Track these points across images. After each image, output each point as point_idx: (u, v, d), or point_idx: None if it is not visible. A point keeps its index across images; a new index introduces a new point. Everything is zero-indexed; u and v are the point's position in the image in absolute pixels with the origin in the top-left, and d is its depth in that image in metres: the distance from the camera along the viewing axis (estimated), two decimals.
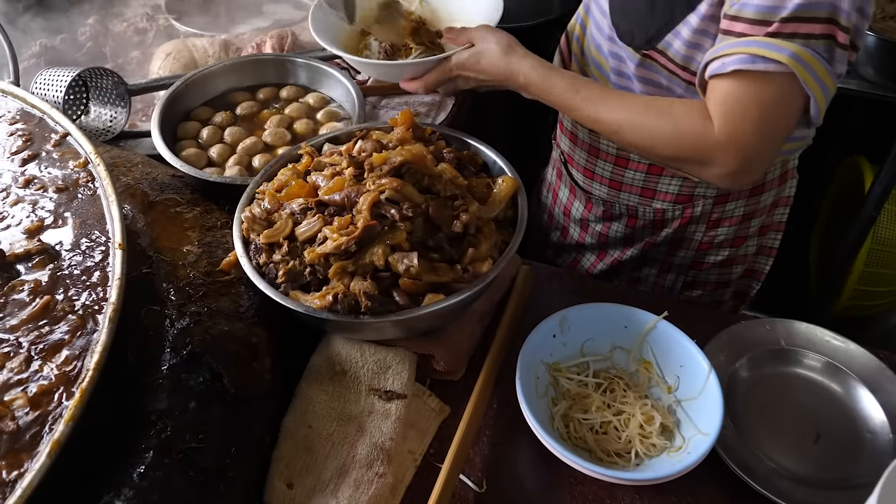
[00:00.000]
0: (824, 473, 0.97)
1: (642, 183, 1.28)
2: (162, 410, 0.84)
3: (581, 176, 1.37)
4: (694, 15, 1.02)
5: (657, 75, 1.12)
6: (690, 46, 1.04)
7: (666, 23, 1.05)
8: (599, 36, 1.21)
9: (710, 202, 1.27)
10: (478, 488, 0.96)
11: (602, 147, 1.29)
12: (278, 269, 0.98)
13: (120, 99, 1.42)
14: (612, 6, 1.15)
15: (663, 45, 1.07)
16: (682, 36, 1.04)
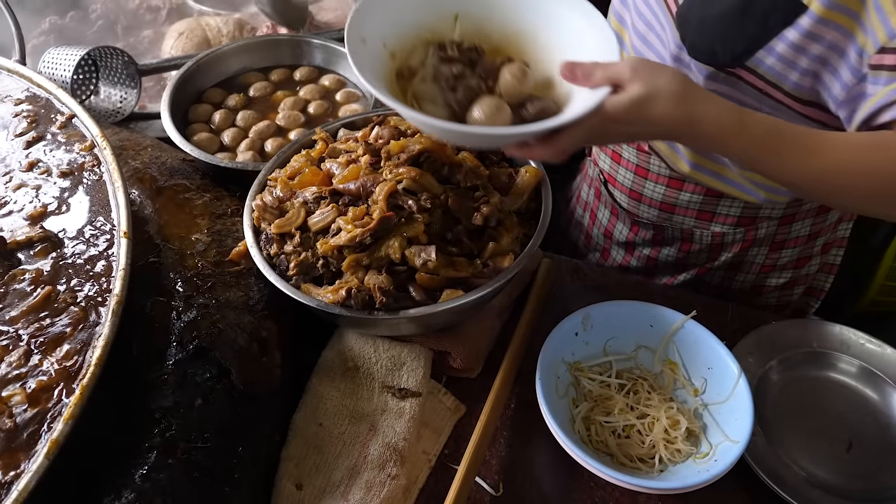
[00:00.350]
0: (856, 483, 0.93)
1: (699, 206, 1.19)
2: (166, 408, 0.80)
3: (625, 197, 1.28)
4: (793, 30, 0.89)
5: (742, 94, 0.99)
6: (786, 63, 0.92)
7: (758, 38, 0.92)
8: (655, 59, 1.04)
9: (775, 223, 1.18)
10: (494, 492, 0.92)
11: (652, 168, 1.20)
12: (289, 260, 0.94)
13: (130, 79, 1.38)
14: (684, 21, 0.98)
15: (753, 62, 0.94)
16: (776, 52, 0.92)
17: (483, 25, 0.94)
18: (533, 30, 0.94)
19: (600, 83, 0.80)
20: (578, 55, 0.85)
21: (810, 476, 0.93)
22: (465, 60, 0.90)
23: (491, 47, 0.93)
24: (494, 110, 0.85)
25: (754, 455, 0.92)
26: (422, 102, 0.89)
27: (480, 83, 0.88)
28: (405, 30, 0.92)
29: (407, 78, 0.91)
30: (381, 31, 0.89)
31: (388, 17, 0.90)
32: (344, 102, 1.30)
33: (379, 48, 0.89)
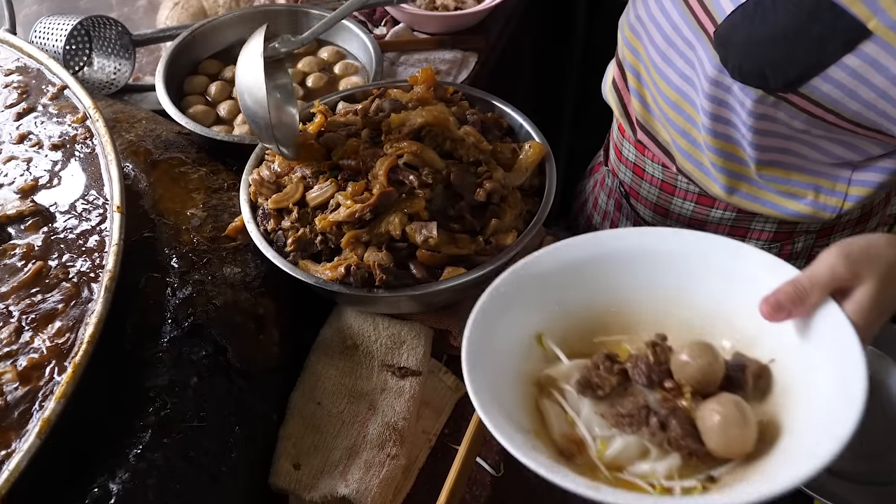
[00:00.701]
0: (863, 465, 0.92)
1: (731, 223, 1.11)
2: (161, 387, 0.78)
3: (649, 213, 1.20)
4: (854, 57, 0.79)
5: (790, 118, 0.90)
6: (845, 92, 0.82)
7: (813, 64, 0.82)
8: (676, 76, 0.99)
9: (813, 237, 1.10)
10: (495, 472, 0.91)
11: (680, 185, 1.12)
12: (287, 236, 0.91)
13: (124, 50, 1.35)
14: (725, 42, 0.87)
15: (807, 88, 0.84)
16: (833, 80, 0.82)
17: (569, 329, 0.75)
18: (634, 294, 0.75)
19: (818, 301, 0.65)
20: (722, 297, 0.70)
21: None
22: (619, 377, 0.68)
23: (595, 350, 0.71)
24: (740, 416, 0.62)
25: None
26: (632, 472, 0.64)
27: (664, 393, 0.66)
28: (515, 388, 0.70)
29: (577, 453, 0.66)
30: (506, 412, 0.66)
31: (494, 382, 0.67)
32: (343, 75, 1.28)
33: (525, 439, 0.64)
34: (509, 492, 0.90)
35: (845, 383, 0.59)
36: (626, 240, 0.77)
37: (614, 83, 1.16)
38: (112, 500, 0.70)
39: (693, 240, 0.74)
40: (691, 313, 0.73)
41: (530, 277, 0.74)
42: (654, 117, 1.09)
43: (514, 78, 1.80)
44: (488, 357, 0.68)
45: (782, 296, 0.66)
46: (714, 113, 0.95)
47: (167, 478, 0.73)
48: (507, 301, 0.72)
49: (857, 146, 0.93)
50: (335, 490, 0.83)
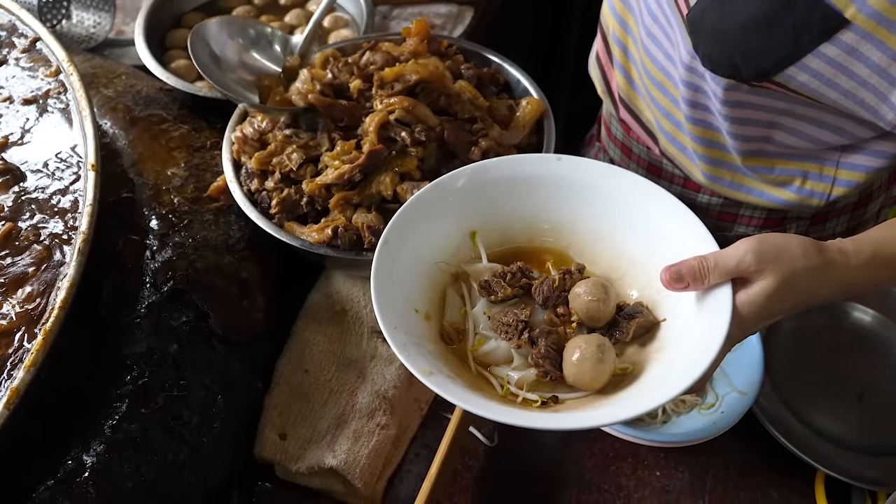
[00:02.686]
0: (867, 436, 0.89)
1: (720, 208, 1.06)
2: (139, 354, 0.75)
3: None
4: (832, 46, 0.74)
5: (772, 100, 0.85)
6: (823, 82, 0.77)
7: (788, 54, 0.77)
8: (661, 56, 0.92)
9: (806, 223, 1.05)
10: (489, 442, 0.88)
11: (666, 168, 1.07)
12: (272, 197, 0.87)
13: (104, 2, 1.28)
14: (696, 27, 0.81)
15: (783, 77, 0.79)
16: (810, 69, 0.77)
17: (508, 233, 0.80)
18: (569, 221, 0.79)
19: (716, 282, 0.67)
20: (651, 244, 0.74)
21: (819, 428, 0.89)
22: (518, 290, 0.72)
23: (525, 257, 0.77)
24: (598, 357, 0.67)
25: (761, 406, 0.87)
26: (493, 371, 0.71)
27: (552, 316, 0.72)
28: (425, 277, 0.74)
29: (456, 341, 0.73)
30: (402, 291, 0.70)
31: (400, 269, 0.71)
32: (332, 28, 1.22)
33: (412, 317, 0.70)
34: (503, 462, 0.87)
35: (695, 362, 0.63)
36: (579, 169, 0.79)
37: (598, 57, 1.10)
38: (86, 474, 0.67)
39: (646, 189, 0.76)
40: (621, 253, 0.77)
41: (479, 180, 0.78)
42: (639, 95, 1.03)
43: (512, 35, 1.74)
44: (409, 243, 0.73)
45: (685, 268, 0.67)
46: (691, 99, 0.90)
47: (145, 450, 0.70)
48: (449, 197, 0.76)
49: (844, 129, 0.87)
50: (322, 461, 0.80)
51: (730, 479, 0.87)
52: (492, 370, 0.71)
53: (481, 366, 0.71)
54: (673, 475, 0.87)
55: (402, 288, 0.70)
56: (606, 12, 1.04)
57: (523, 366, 0.69)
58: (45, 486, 0.66)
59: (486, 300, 0.73)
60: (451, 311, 0.74)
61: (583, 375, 0.67)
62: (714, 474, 0.87)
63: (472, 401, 0.62)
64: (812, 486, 0.86)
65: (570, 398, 0.68)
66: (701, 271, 0.66)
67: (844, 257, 0.68)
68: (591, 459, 0.88)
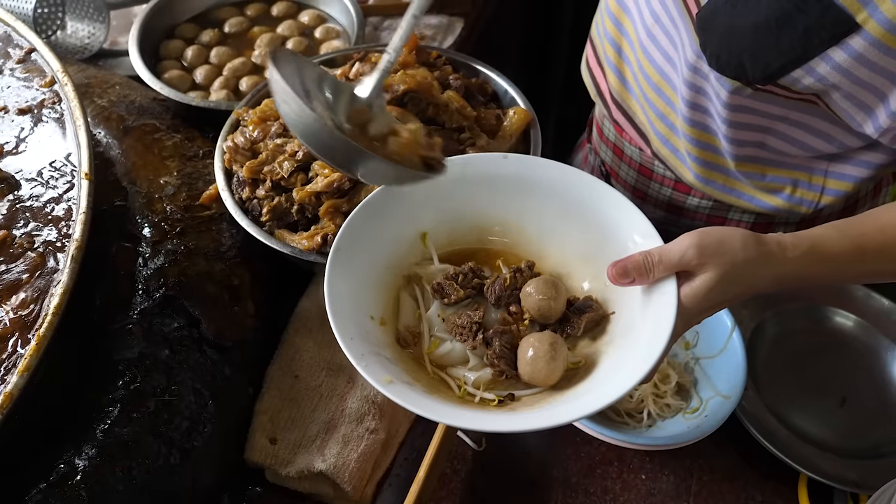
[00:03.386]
0: (849, 440, 0.91)
1: (709, 211, 1.07)
2: (131, 360, 0.76)
3: (628, 195, 1.10)
4: (841, 51, 0.74)
5: (766, 103, 0.86)
6: (827, 86, 0.78)
7: (797, 56, 0.77)
8: (660, 57, 0.94)
9: (793, 228, 1.05)
10: (477, 446, 0.89)
11: (657, 170, 1.08)
12: (262, 205, 0.88)
13: (98, 13, 1.30)
14: (705, 27, 0.82)
15: (788, 80, 0.80)
16: (816, 73, 0.77)
17: (458, 233, 0.80)
18: (518, 218, 0.80)
19: (661, 276, 0.68)
20: (597, 238, 0.75)
21: (802, 432, 0.90)
22: (470, 291, 0.74)
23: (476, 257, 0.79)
24: (550, 354, 0.68)
25: (745, 410, 0.89)
26: (449, 372, 0.72)
27: (505, 314, 0.73)
28: (378, 282, 0.74)
29: (412, 344, 0.73)
30: (356, 299, 0.70)
31: (354, 276, 0.71)
32: (324, 39, 1.24)
33: (368, 324, 0.70)
34: (491, 466, 0.88)
35: (645, 356, 0.64)
36: (526, 167, 0.79)
37: (587, 59, 1.12)
38: (78, 477, 0.68)
39: (591, 185, 0.77)
40: (569, 248, 0.78)
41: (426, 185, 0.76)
42: (633, 97, 1.04)
43: (503, 45, 1.76)
44: (364, 246, 0.73)
45: (630, 264, 0.69)
46: (691, 101, 0.91)
47: (136, 453, 0.71)
48: (398, 198, 0.76)
49: (835, 137, 0.89)
50: (312, 465, 0.81)
51: (714, 482, 0.88)
52: (448, 371, 0.72)
53: (438, 367, 0.72)
54: (658, 478, 0.88)
55: (356, 295, 0.70)
56: (604, 14, 1.05)
57: (479, 366, 0.71)
58: (37, 490, 0.67)
59: (440, 302, 0.74)
60: (405, 315, 0.75)
61: (537, 373, 0.68)
62: (699, 477, 0.88)
63: (430, 407, 0.63)
64: (795, 488, 0.87)
65: (526, 395, 0.69)
66: (646, 266, 0.68)
67: (781, 250, 0.70)
68: (578, 463, 0.89)
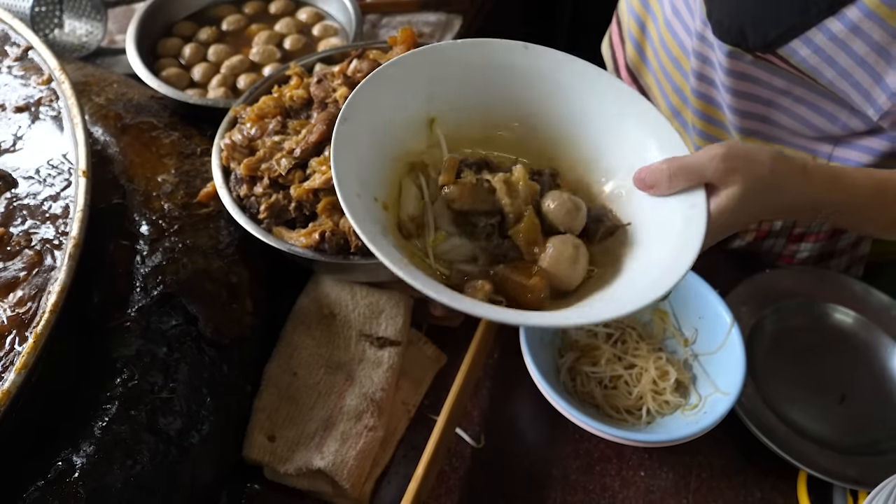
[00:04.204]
0: (849, 437, 0.90)
1: None
2: (129, 357, 0.76)
3: None
4: (837, 21, 0.77)
5: (770, 74, 0.88)
6: (823, 58, 0.80)
7: (795, 25, 0.80)
8: (681, 29, 0.96)
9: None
10: (475, 443, 0.89)
11: None
12: (260, 202, 0.88)
13: (96, 11, 1.30)
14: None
15: (786, 51, 0.82)
16: (813, 43, 0.80)
17: (466, 124, 0.75)
18: (533, 115, 0.75)
19: (683, 186, 0.67)
20: (622, 150, 0.72)
21: (802, 429, 0.90)
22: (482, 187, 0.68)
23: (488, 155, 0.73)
24: (574, 257, 0.66)
25: (744, 407, 0.89)
26: (454, 267, 0.67)
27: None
28: (383, 164, 0.69)
29: (415, 234, 0.68)
30: (360, 177, 0.65)
31: (360, 152, 0.66)
32: (322, 37, 1.23)
33: (374, 207, 0.66)
34: (489, 464, 0.88)
35: (671, 267, 0.62)
36: (547, 59, 0.75)
37: (610, 37, 1.14)
38: (76, 474, 0.68)
39: (610, 85, 0.74)
40: (581, 153, 0.75)
41: (439, 62, 0.73)
42: (650, 71, 1.06)
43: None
44: (367, 124, 0.68)
45: (650, 170, 0.68)
46: (699, 71, 0.93)
47: (134, 451, 0.71)
48: (408, 76, 0.72)
49: (838, 118, 0.90)
50: (310, 462, 0.81)
51: (713, 479, 0.88)
52: (452, 267, 0.68)
53: (442, 262, 0.67)
54: (657, 475, 0.88)
55: (362, 175, 0.66)
56: (630, 3, 1.06)
57: (487, 264, 0.67)
58: (34, 487, 0.67)
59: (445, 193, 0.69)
60: (408, 203, 0.69)
61: (559, 274, 0.66)
62: (698, 474, 0.88)
63: (446, 293, 0.59)
64: (794, 485, 0.87)
65: None
66: (668, 173, 0.67)
67: (806, 171, 0.70)
68: (577, 460, 0.89)
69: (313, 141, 0.88)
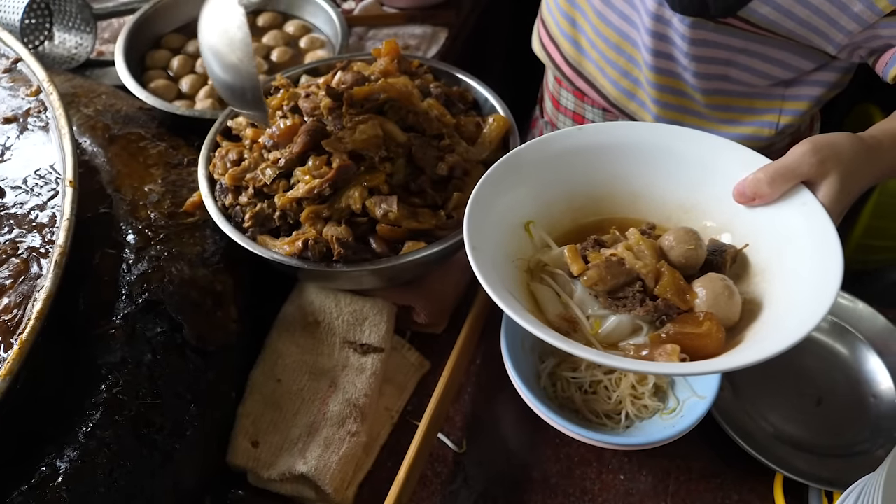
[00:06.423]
0: (824, 439, 0.92)
1: None
2: (113, 364, 0.77)
3: None
4: None
5: (728, 36, 0.93)
6: (782, 13, 0.86)
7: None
8: (616, 17, 1.01)
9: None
10: (457, 448, 0.91)
11: None
12: (245, 211, 0.90)
13: (85, 24, 1.31)
14: None
15: (746, 11, 0.87)
16: (773, 1, 0.85)
17: (555, 218, 0.79)
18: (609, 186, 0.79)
19: (783, 188, 0.70)
20: (710, 187, 0.74)
21: (779, 432, 0.92)
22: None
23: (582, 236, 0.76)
24: (728, 291, 0.67)
25: (722, 411, 0.90)
26: (622, 346, 0.69)
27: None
28: (512, 276, 0.73)
29: (572, 331, 0.70)
30: (509, 292, 0.68)
31: (496, 273, 0.69)
32: (309, 49, 1.25)
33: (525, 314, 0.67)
34: (471, 468, 0.89)
35: (824, 260, 0.63)
36: (602, 133, 0.79)
37: (540, 38, 1.20)
38: (59, 479, 0.69)
39: (664, 132, 0.78)
40: (666, 203, 0.78)
41: (517, 168, 0.77)
42: (590, 61, 1.12)
43: (487, 54, 1.78)
44: (487, 245, 0.70)
45: (746, 183, 0.71)
46: (655, 49, 0.98)
47: (118, 456, 0.72)
48: (498, 189, 0.75)
49: (791, 64, 0.96)
50: (294, 468, 0.82)
51: (692, 482, 0.89)
52: (621, 346, 0.69)
53: (610, 347, 0.69)
54: (636, 478, 0.90)
55: (505, 288, 0.68)
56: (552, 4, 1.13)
57: (652, 330, 0.68)
58: (18, 492, 0.67)
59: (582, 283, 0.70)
60: (549, 305, 0.72)
61: (720, 312, 0.66)
62: (676, 477, 0.90)
63: (619, 359, 0.61)
64: (771, 487, 0.88)
65: None
66: (769, 179, 0.69)
67: (879, 143, 0.74)
68: (557, 464, 0.90)
69: (297, 151, 0.89)
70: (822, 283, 0.62)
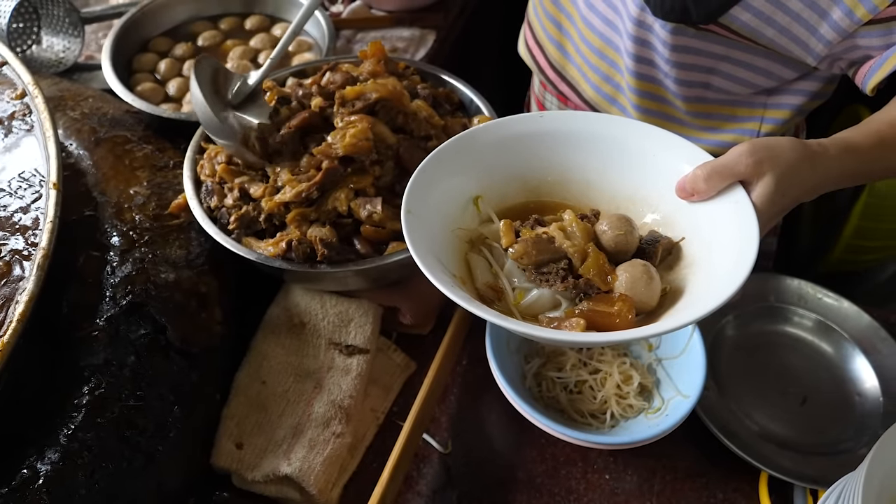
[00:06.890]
0: (809, 437, 0.92)
1: None
2: (96, 366, 0.77)
3: None
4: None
5: (710, 43, 0.93)
6: (762, 20, 0.85)
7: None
8: (599, 22, 1.02)
9: None
10: (442, 449, 0.91)
11: None
12: (230, 213, 0.90)
13: (73, 28, 1.32)
14: None
15: (727, 18, 0.87)
16: (753, 7, 0.85)
17: (505, 195, 0.81)
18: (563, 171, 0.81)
19: (719, 186, 0.71)
20: (656, 180, 0.76)
21: (763, 430, 0.92)
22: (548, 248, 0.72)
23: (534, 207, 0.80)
24: (647, 275, 0.69)
25: (707, 410, 0.91)
26: (542, 317, 0.71)
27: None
28: (448, 243, 0.75)
29: (496, 300, 0.73)
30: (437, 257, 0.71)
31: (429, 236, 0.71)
32: (296, 52, 1.26)
33: (453, 282, 0.69)
34: (456, 468, 0.89)
35: (740, 256, 0.65)
36: (560, 121, 0.81)
37: (525, 41, 1.20)
38: (40, 481, 0.68)
39: (619, 125, 0.80)
40: (616, 193, 0.79)
41: (470, 147, 0.79)
42: (574, 66, 1.12)
43: (475, 57, 1.78)
44: (426, 213, 0.72)
45: (686, 180, 0.72)
46: (637, 54, 0.99)
47: (99, 458, 0.72)
48: (447, 166, 0.77)
49: (773, 72, 0.97)
50: (278, 469, 0.82)
51: (677, 481, 0.90)
52: (540, 318, 0.71)
53: (529, 318, 0.71)
54: (622, 478, 0.90)
55: (435, 254, 0.71)
56: (538, 7, 1.13)
57: (571, 306, 0.70)
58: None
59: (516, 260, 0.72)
60: (481, 274, 0.74)
61: (638, 296, 0.68)
62: (662, 476, 0.90)
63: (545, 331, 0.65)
64: (756, 485, 0.89)
65: None
66: (705, 176, 0.71)
67: (824, 149, 0.74)
68: (542, 464, 0.90)
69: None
70: (730, 277, 0.64)
